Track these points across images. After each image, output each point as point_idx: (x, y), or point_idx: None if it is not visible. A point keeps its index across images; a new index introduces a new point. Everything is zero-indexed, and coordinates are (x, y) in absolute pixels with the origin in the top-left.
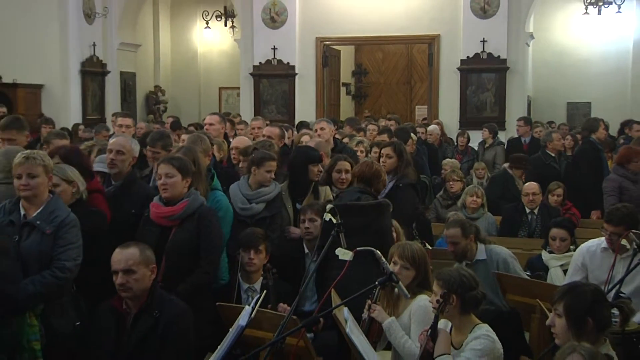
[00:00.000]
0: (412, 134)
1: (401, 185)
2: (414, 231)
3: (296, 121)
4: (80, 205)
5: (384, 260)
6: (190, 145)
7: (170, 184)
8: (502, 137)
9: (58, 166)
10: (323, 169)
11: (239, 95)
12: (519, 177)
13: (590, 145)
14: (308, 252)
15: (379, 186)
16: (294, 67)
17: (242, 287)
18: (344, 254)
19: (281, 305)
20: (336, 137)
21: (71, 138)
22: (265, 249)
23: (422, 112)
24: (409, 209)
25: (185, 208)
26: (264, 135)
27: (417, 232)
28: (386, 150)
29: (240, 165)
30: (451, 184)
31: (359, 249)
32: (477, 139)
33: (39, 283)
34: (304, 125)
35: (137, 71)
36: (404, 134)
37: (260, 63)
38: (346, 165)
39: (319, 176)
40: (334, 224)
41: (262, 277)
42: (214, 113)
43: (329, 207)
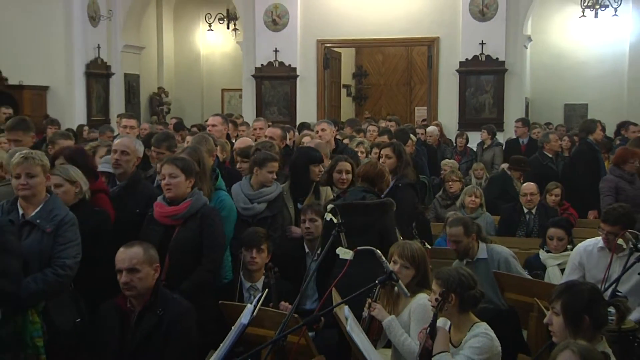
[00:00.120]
0: (412, 135)
1: (400, 185)
2: (413, 230)
3: (297, 122)
4: (83, 205)
5: (384, 259)
6: (196, 145)
7: (174, 184)
8: (501, 138)
9: (61, 166)
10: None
11: (241, 96)
12: (518, 178)
13: (587, 146)
14: (309, 252)
15: (382, 186)
16: (295, 69)
17: (244, 285)
18: (345, 253)
19: (283, 304)
20: (337, 138)
21: (76, 139)
22: (267, 248)
23: (421, 113)
24: (408, 208)
25: (189, 207)
26: (266, 136)
27: (417, 231)
28: (385, 151)
29: (238, 165)
30: (450, 184)
31: (359, 248)
32: (475, 140)
33: (41, 281)
34: (306, 126)
35: (141, 73)
36: (404, 135)
37: (262, 65)
38: (347, 166)
39: (319, 176)
40: (335, 223)
41: (264, 275)
42: (216, 114)
43: (329, 207)
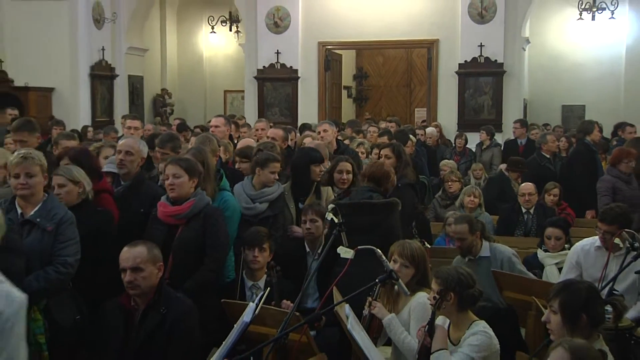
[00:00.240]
0: (411, 136)
1: (400, 185)
2: (413, 230)
3: (299, 123)
4: (86, 205)
5: (384, 258)
6: (200, 146)
7: (178, 184)
8: (499, 139)
9: (65, 167)
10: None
11: (243, 98)
12: (515, 179)
13: (584, 146)
14: (309, 251)
15: (388, 186)
16: (296, 71)
17: (246, 284)
18: (346, 252)
19: (284, 302)
20: (339, 139)
21: (80, 139)
22: (269, 247)
23: (421, 114)
24: (408, 208)
25: (192, 207)
26: (267, 137)
27: (417, 231)
28: (385, 151)
29: (237, 165)
30: (450, 184)
31: (359, 247)
32: (474, 140)
33: (43, 279)
34: (307, 127)
35: (145, 75)
36: (403, 136)
37: (264, 67)
38: (347, 166)
39: (320, 176)
40: (336, 223)
41: (265, 274)
42: (219, 115)
43: (330, 206)
